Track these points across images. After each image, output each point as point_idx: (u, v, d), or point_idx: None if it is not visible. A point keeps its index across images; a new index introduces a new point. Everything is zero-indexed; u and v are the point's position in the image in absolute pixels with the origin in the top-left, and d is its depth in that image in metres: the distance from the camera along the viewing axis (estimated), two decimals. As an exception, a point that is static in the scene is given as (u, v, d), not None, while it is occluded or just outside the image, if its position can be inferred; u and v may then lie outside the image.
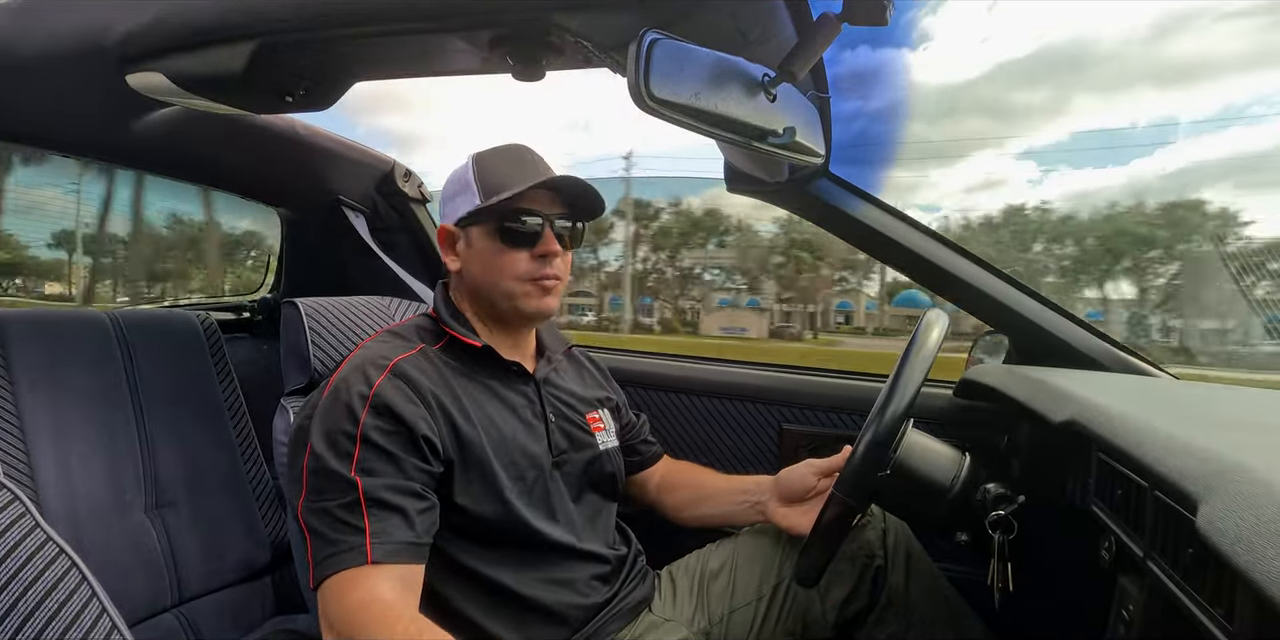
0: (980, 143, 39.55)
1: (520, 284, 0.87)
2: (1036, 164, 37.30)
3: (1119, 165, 37.31)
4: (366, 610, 0.68)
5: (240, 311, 1.60)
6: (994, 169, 38.16)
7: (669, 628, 0.92)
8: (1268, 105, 47.78)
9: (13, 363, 0.95)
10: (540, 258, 0.87)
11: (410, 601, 0.71)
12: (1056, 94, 50.47)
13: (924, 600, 0.93)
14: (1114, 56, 53.70)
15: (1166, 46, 52.05)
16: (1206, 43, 50.05)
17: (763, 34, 0.68)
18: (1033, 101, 48.58)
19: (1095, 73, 53.67)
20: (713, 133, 0.64)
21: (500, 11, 0.62)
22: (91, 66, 0.80)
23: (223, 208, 1.86)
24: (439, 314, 0.92)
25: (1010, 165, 38.35)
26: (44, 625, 0.50)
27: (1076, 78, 53.30)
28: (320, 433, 0.76)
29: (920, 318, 0.88)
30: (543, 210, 0.87)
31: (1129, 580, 0.63)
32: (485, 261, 0.88)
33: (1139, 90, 52.14)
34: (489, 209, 0.86)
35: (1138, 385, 0.97)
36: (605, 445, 0.98)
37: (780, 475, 1.00)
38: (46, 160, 1.00)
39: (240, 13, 0.69)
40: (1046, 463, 0.88)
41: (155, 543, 1.00)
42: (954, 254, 1.14)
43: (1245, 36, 50.20)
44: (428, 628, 0.68)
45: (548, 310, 0.90)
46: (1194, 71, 49.75)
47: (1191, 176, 32.24)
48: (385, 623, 0.67)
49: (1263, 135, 39.63)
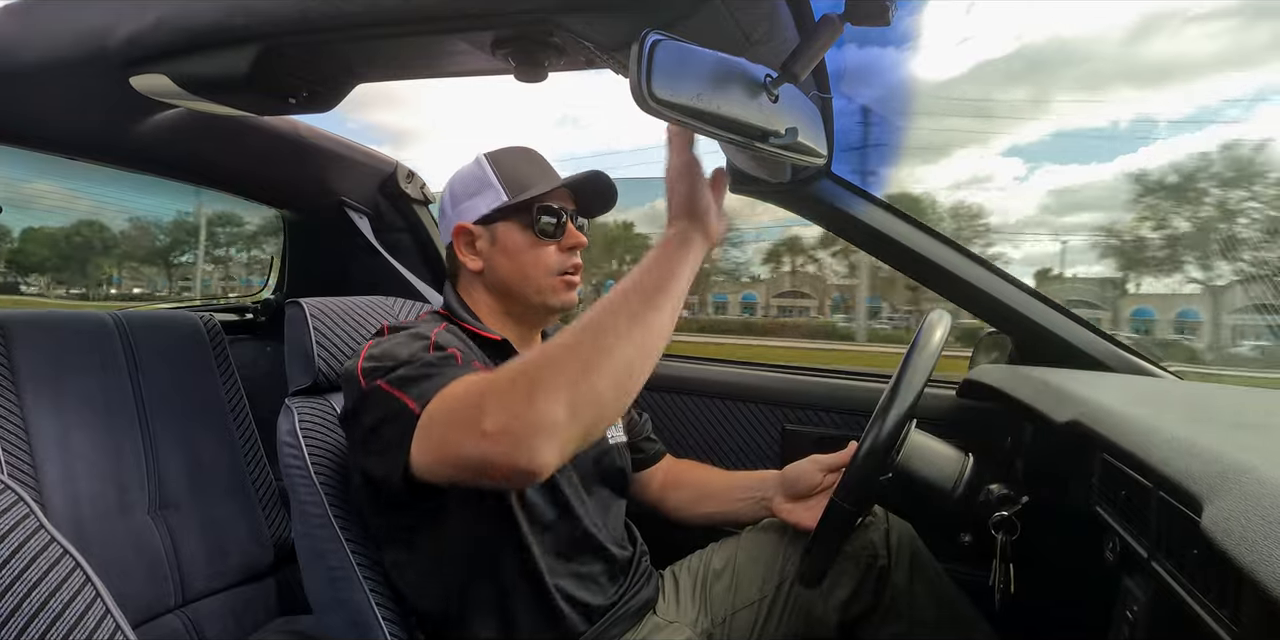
0: (965, 139, 39.72)
1: (550, 278, 0.91)
2: (1022, 160, 37.52)
3: (1103, 163, 37.53)
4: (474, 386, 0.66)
5: (243, 312, 1.61)
6: (980, 166, 38.41)
7: (673, 630, 0.92)
8: (1242, 107, 48.18)
9: (17, 364, 0.95)
10: (569, 250, 0.92)
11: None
12: (1037, 93, 51.33)
13: (927, 601, 0.93)
14: (1090, 57, 54.60)
15: (1141, 47, 53.01)
16: (1180, 44, 50.94)
17: (765, 34, 0.68)
18: (1015, 100, 49.44)
19: (1073, 73, 54.60)
20: (715, 133, 0.64)
21: (502, 13, 0.62)
22: (95, 69, 0.81)
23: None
24: (452, 310, 0.93)
25: (997, 162, 38.57)
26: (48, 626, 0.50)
27: (1054, 78, 54.16)
28: (385, 359, 0.73)
29: (922, 319, 0.88)
30: (566, 206, 0.93)
31: (1133, 581, 0.63)
32: (515, 257, 0.91)
33: (1117, 89, 52.85)
34: (518, 205, 0.89)
35: (1142, 385, 0.97)
36: (614, 439, 0.98)
37: (785, 471, 1.00)
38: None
39: (243, 15, 0.69)
40: (1050, 463, 0.88)
41: (159, 544, 1.01)
42: (957, 254, 1.13)
43: (1217, 38, 50.96)
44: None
45: (572, 304, 0.94)
46: (1170, 72, 50.60)
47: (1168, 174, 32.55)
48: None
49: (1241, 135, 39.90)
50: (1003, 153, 45.17)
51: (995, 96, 47.86)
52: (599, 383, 0.58)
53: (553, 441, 0.57)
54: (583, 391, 0.58)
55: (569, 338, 0.60)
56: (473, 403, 0.61)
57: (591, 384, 0.58)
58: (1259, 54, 78.23)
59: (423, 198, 1.52)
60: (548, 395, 0.57)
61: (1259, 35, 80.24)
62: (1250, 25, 64.08)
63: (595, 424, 0.61)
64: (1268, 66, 70.15)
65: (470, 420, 0.60)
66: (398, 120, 33.84)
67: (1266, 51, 70.75)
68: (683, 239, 0.67)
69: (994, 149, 43.54)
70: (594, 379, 0.58)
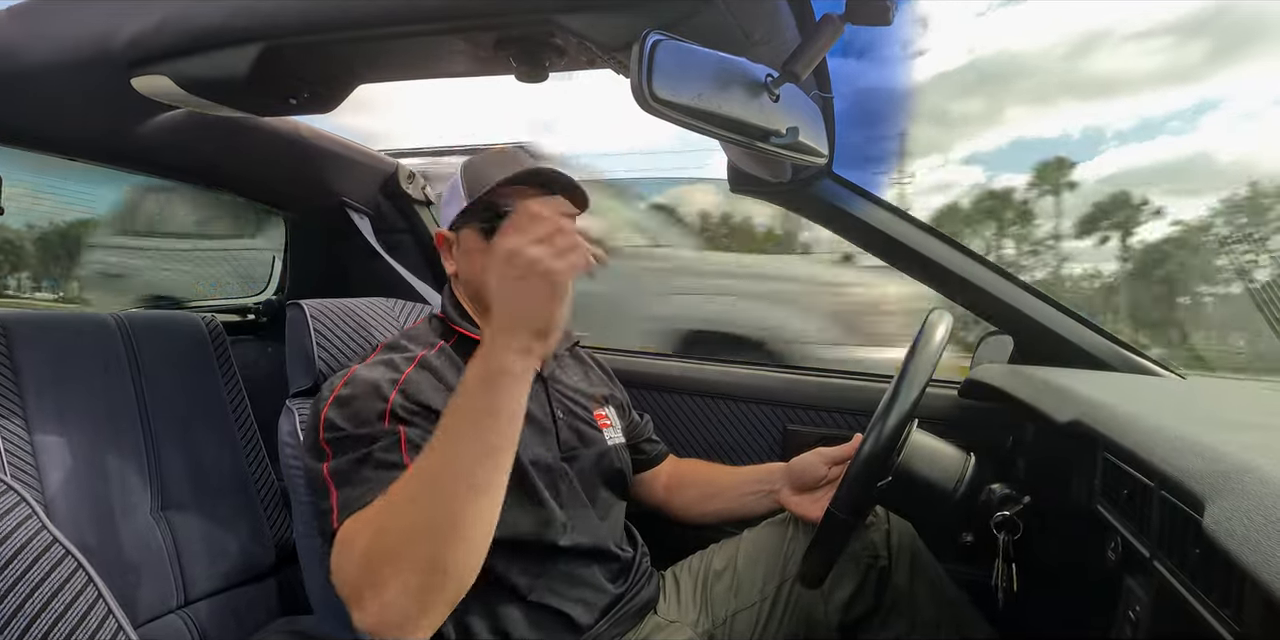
0: (926, 148, 40.33)
1: None
2: (983, 168, 38.23)
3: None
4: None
5: (245, 313, 1.61)
6: (942, 174, 39.16)
7: (674, 630, 0.92)
8: (1184, 119, 49.84)
9: (19, 364, 0.96)
10: None
11: None
12: (990, 104, 52.49)
13: (928, 601, 0.93)
14: (1037, 70, 55.93)
15: (1083, 62, 54.41)
16: (1119, 60, 52.19)
17: (765, 34, 0.68)
18: (969, 111, 50.46)
19: (1023, 85, 56.03)
20: (716, 133, 0.64)
21: (504, 13, 0.63)
22: (97, 70, 0.81)
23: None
24: (447, 314, 0.94)
25: (958, 170, 39.22)
26: (50, 626, 0.50)
27: (1006, 89, 55.46)
28: (346, 409, 0.74)
29: (924, 318, 0.88)
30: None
31: (1135, 581, 0.63)
32: (473, 260, 0.90)
33: (1064, 102, 54.34)
34: (472, 208, 0.89)
35: (1143, 385, 0.97)
36: (613, 441, 0.98)
37: (791, 463, 1.00)
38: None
39: (245, 16, 0.70)
40: (1052, 463, 0.88)
41: (161, 544, 1.01)
42: (958, 254, 1.13)
43: (1154, 55, 52.19)
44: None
45: None
46: (1112, 86, 51.85)
47: (1124, 181, 33.56)
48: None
49: (1183, 146, 40.97)
50: (963, 160, 45.96)
51: (952, 107, 48.54)
52: (447, 569, 0.59)
53: (422, 622, 0.59)
54: (426, 584, 0.59)
55: (405, 520, 0.60)
56: (352, 575, 0.62)
57: (439, 575, 0.59)
58: (1194, 70, 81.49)
59: (424, 198, 1.52)
60: (398, 598, 0.58)
61: (1192, 53, 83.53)
62: (1184, 43, 66.47)
63: (457, 591, 0.61)
64: (1204, 82, 72.89)
65: (351, 592, 0.61)
66: (368, 124, 34.09)
67: (1201, 67, 73.68)
68: (504, 371, 0.61)
69: (954, 157, 44.24)
70: (436, 576, 0.59)
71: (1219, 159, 34.68)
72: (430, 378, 0.81)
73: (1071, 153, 51.67)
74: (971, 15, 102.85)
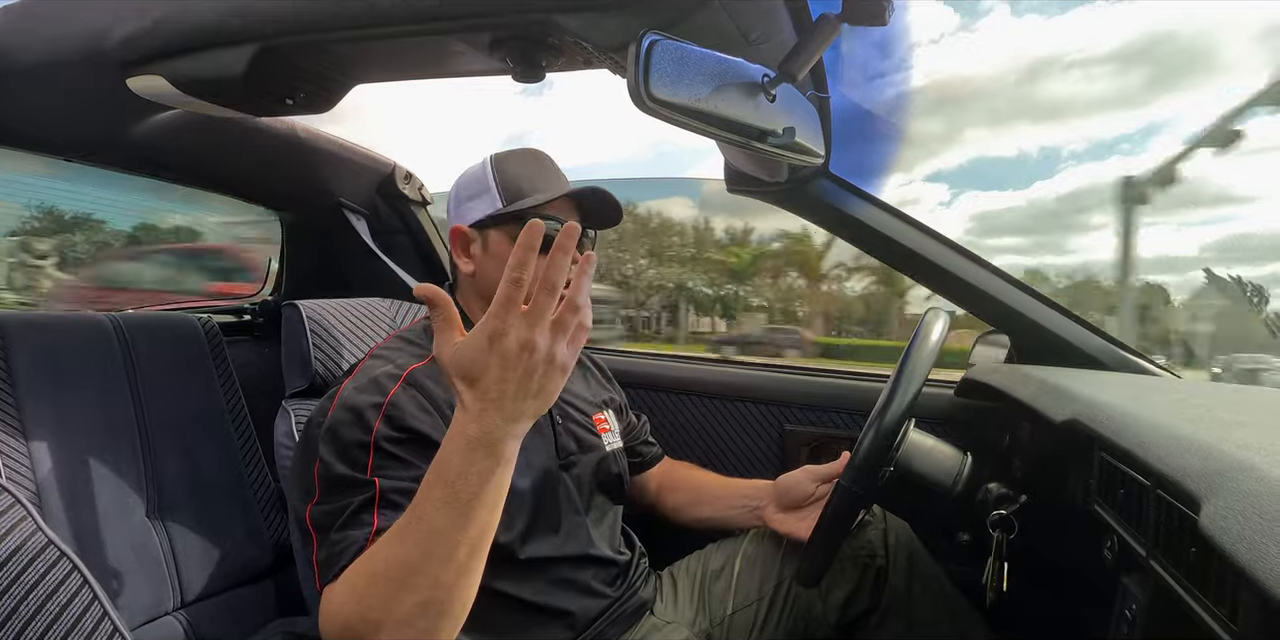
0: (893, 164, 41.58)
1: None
2: (947, 186, 39.28)
3: (1019, 189, 39.18)
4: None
5: (241, 314, 1.60)
6: (906, 190, 40.28)
7: (670, 630, 0.92)
8: (1133, 142, 51.85)
9: (14, 365, 0.95)
10: None
11: None
12: (949, 125, 54.13)
13: (926, 601, 0.93)
14: (990, 94, 57.76)
15: (1032, 87, 56.41)
16: (1065, 85, 53.97)
17: (762, 35, 0.68)
18: (929, 131, 51.97)
19: (978, 107, 58.18)
20: (713, 133, 0.64)
21: (501, 13, 0.62)
22: (92, 70, 0.80)
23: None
24: None
25: (922, 187, 40.38)
26: (45, 629, 0.50)
27: (962, 111, 57.40)
28: (332, 441, 0.74)
29: (921, 317, 0.88)
30: (563, 218, 0.87)
31: (1131, 580, 0.63)
32: (503, 265, 0.88)
33: (1018, 124, 56.20)
34: (511, 214, 0.86)
35: (1139, 384, 0.97)
36: (611, 446, 0.98)
37: (779, 481, 0.99)
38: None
39: (240, 16, 0.69)
40: (1048, 462, 0.88)
41: (157, 546, 1.00)
42: (955, 253, 1.13)
43: (1097, 81, 53.85)
44: None
45: None
46: (1061, 109, 53.53)
47: (1084, 200, 34.39)
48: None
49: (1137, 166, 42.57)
50: (927, 178, 47.22)
51: (913, 127, 49.14)
52: (442, 612, 0.59)
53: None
54: (417, 632, 0.58)
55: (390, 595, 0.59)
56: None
57: (432, 619, 0.59)
58: (1138, 95, 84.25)
59: (420, 199, 1.51)
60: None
61: (1134, 78, 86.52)
62: (1125, 70, 68.81)
63: (452, 631, 0.61)
64: (1147, 106, 75.58)
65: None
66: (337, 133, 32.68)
67: (1144, 92, 76.42)
68: (494, 454, 0.56)
69: (918, 174, 45.21)
70: (430, 620, 0.58)
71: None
72: (417, 398, 0.77)
73: (1031, 171, 54.90)
74: (927, 41, 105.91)
